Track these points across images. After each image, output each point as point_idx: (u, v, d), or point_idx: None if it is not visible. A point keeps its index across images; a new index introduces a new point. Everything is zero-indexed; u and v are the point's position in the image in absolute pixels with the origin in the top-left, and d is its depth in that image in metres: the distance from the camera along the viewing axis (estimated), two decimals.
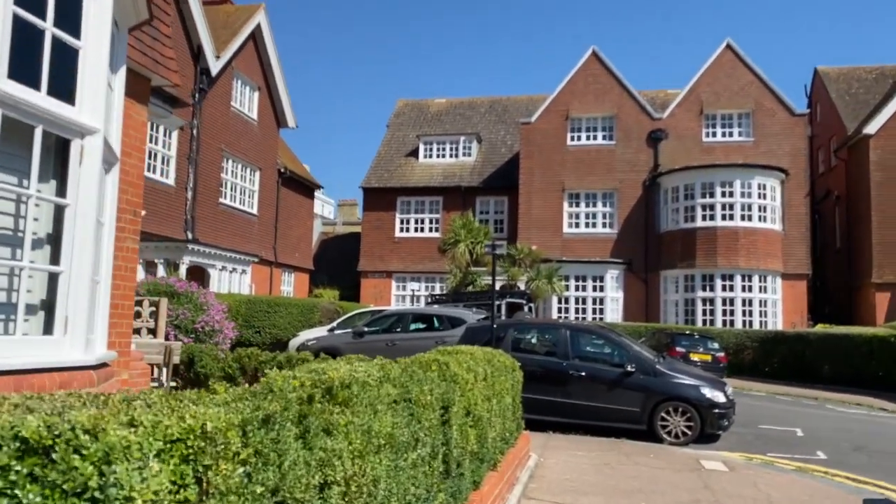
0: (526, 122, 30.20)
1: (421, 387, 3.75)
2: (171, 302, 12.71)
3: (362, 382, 3.12)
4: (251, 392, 2.53)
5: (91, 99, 4.20)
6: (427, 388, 3.80)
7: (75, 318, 4.06)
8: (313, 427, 2.30)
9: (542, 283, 25.15)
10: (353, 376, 3.16)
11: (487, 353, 6.65)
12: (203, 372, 10.23)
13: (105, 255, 4.91)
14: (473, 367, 5.35)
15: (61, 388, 3.85)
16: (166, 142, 22.09)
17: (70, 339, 4.04)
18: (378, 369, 3.57)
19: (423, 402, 3.70)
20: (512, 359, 7.57)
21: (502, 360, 6.90)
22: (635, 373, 10.60)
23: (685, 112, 28.99)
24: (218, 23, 25.68)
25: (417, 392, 3.67)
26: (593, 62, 30.03)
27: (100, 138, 4.23)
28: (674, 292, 27.45)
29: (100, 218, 4.70)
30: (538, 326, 12.62)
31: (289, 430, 2.11)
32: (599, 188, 29.19)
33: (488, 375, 5.75)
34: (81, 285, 4.09)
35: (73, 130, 4.09)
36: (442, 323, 14.92)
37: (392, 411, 3.20)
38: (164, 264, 20.56)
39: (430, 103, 37.72)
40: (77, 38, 4.15)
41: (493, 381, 5.94)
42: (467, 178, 31.97)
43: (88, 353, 4.24)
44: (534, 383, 10.52)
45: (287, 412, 2.19)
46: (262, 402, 2.07)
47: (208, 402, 1.96)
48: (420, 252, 31.63)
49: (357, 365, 3.63)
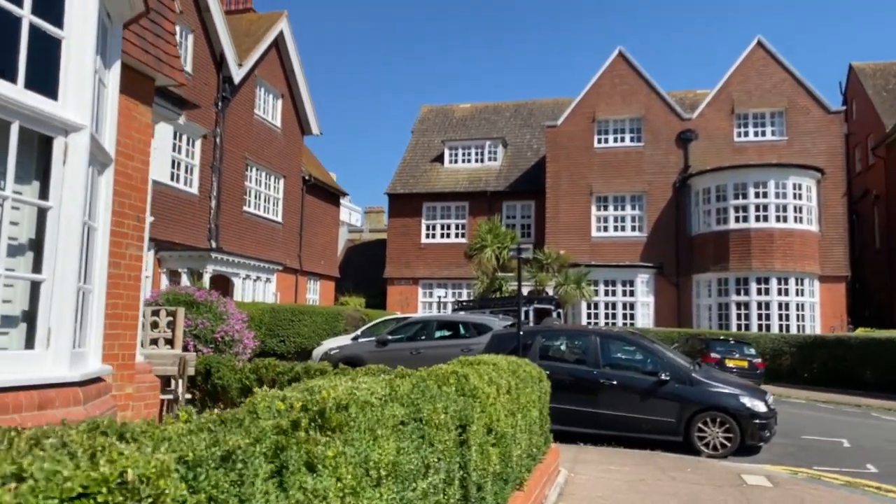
0: (552, 125, 29.71)
1: (434, 404, 3.35)
2: (190, 311, 12.47)
3: (363, 403, 2.73)
4: (222, 419, 2.15)
5: (76, 93, 3.88)
6: (441, 406, 3.40)
7: (59, 330, 3.73)
8: (292, 462, 1.91)
9: (571, 289, 24.61)
10: (354, 395, 2.77)
11: (512, 362, 6.23)
12: (220, 383, 9.94)
13: (98, 263, 4.60)
14: (496, 380, 4.94)
15: (40, 407, 3.52)
16: (189, 150, 22.03)
17: (53, 354, 3.71)
18: (384, 386, 3.18)
19: (437, 421, 3.30)
20: (539, 368, 7.14)
21: (528, 370, 6.48)
22: (670, 381, 10.09)
23: (716, 112, 28.28)
24: (241, 31, 25.65)
25: (430, 411, 3.27)
26: (620, 63, 29.46)
27: (86, 135, 3.91)
28: (707, 296, 26.71)
29: (91, 222, 4.38)
30: (567, 333, 12.14)
31: (257, 468, 1.72)
32: (628, 191, 28.58)
33: (512, 388, 5.33)
34: (66, 295, 3.77)
35: (55, 127, 3.78)
36: (468, 330, 14.51)
37: (398, 435, 2.81)
38: (187, 273, 20.44)
39: (454, 108, 37.41)
40: (59, 28, 3.84)
41: (517, 393, 5.52)
42: (493, 183, 31.55)
43: (75, 368, 3.91)
44: (563, 393, 10.06)
45: (258, 445, 1.81)
46: (224, 435, 1.70)
47: (150, 437, 1.58)
48: (446, 258, 31.26)
49: (361, 381, 3.24)
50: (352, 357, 14.61)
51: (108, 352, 5.67)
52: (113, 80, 4.75)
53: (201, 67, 22.39)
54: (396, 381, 3.32)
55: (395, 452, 2.68)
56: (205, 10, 22.40)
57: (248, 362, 10.08)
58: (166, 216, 20.54)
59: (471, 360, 5.83)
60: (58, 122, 3.77)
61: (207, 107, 22.76)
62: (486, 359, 5.85)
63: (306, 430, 2.21)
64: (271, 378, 9.48)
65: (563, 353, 11.40)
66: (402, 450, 2.77)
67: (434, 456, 3.16)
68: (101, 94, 4.58)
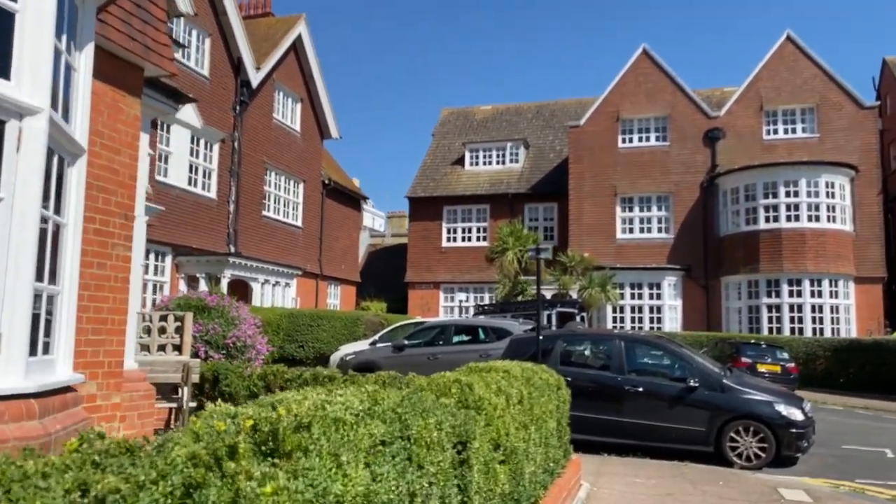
0: (574, 125, 29.14)
1: (425, 420, 2.90)
2: (201, 317, 12.17)
3: (332, 420, 2.30)
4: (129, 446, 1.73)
5: (32, 73, 3.51)
6: (434, 421, 2.95)
7: (11, 335, 3.35)
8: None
9: (596, 292, 24.01)
10: (321, 411, 2.33)
11: (527, 369, 5.76)
12: (228, 391, 9.59)
13: (69, 263, 4.22)
14: (506, 389, 4.48)
15: None
16: (207, 155, 21.84)
17: (3, 361, 3.33)
18: (364, 399, 2.74)
19: (428, 439, 2.85)
20: (557, 375, 6.65)
21: (545, 378, 5.99)
22: (699, 388, 9.52)
23: (744, 109, 27.51)
24: (259, 35, 25.47)
25: (420, 427, 2.82)
26: (644, 61, 28.82)
27: (43, 120, 3.53)
28: (736, 299, 25.93)
29: (58, 218, 4.01)
30: (589, 337, 11.59)
31: None
32: (654, 191, 27.90)
33: (525, 397, 4.85)
34: (19, 296, 3.38)
35: (7, 109, 3.40)
36: (487, 335, 14.03)
37: (375, 458, 2.36)
38: (205, 279, 20.21)
39: (475, 111, 36.97)
40: (13, 1, 3.46)
41: (531, 403, 5.04)
42: (515, 185, 31.03)
43: (32, 377, 3.53)
44: (585, 400, 9.56)
45: (159, 485, 1.38)
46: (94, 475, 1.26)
47: None
48: (468, 262, 30.79)
49: (338, 393, 2.81)
50: (367, 363, 14.20)
51: (93, 359, 5.31)
52: (85, 63, 4.38)
53: (219, 72, 22.21)
54: (381, 393, 2.87)
55: (369, 481, 2.23)
56: (222, 14, 22.23)
57: (256, 369, 9.70)
58: (184, 221, 20.35)
59: (481, 366, 5.38)
60: (10, 103, 3.40)
61: (225, 111, 22.59)
62: (497, 365, 5.39)
63: (245, 457, 1.77)
64: (280, 385, 9.10)
65: (585, 359, 10.88)
66: (379, 476, 2.32)
67: (423, 480, 2.70)
68: (71, 79, 4.21)
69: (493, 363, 5.54)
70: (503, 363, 5.61)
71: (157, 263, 19.59)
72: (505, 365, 5.47)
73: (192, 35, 21.13)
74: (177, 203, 20.06)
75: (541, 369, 6.23)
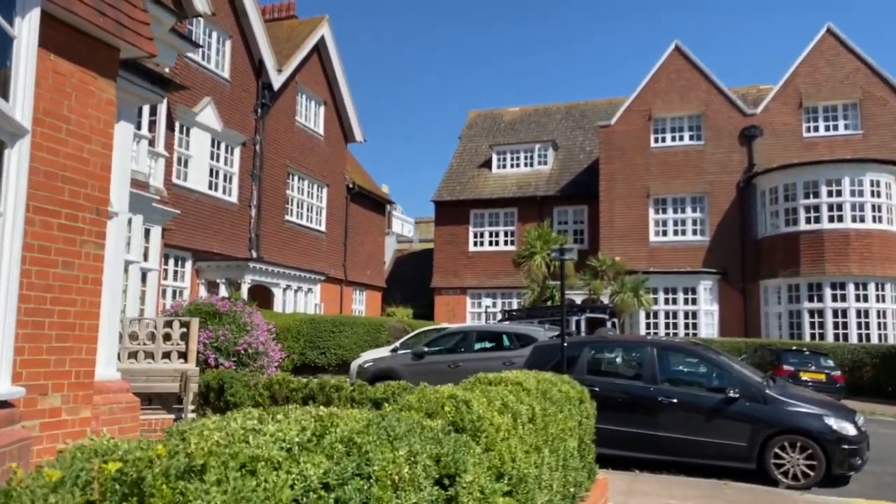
0: (605, 124, 28.32)
1: (394, 451, 2.25)
2: (212, 323, 11.70)
3: (245, 460, 1.68)
4: None
5: None
6: (405, 453, 2.30)
7: None
8: None
9: (628, 297, 23.14)
10: (231, 448, 1.72)
11: (544, 380, 5.09)
12: (233, 400, 9.04)
13: (6, 261, 3.67)
14: (513, 405, 3.82)
15: None
16: (228, 158, 21.51)
17: None
18: (310, 425, 2.12)
19: (397, 478, 2.20)
20: (580, 387, 5.95)
21: (564, 390, 5.31)
22: (739, 399, 8.72)
23: (782, 106, 26.43)
24: (281, 37, 25.17)
25: (385, 461, 2.16)
26: (676, 57, 27.90)
27: None
28: (776, 304, 24.82)
29: None
30: (619, 344, 10.82)
31: None
32: (688, 192, 26.93)
33: (538, 415, 4.19)
34: None
35: None
36: (511, 342, 13.34)
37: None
38: (225, 284, 19.85)
39: (503, 112, 36.30)
40: None
41: (546, 421, 4.37)
42: (543, 188, 30.27)
43: None
44: (614, 412, 8.84)
45: None
46: None
47: None
48: (495, 266, 30.08)
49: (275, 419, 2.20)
50: (386, 371, 13.61)
51: (57, 368, 4.78)
52: (28, 32, 3.85)
53: (240, 74, 21.89)
54: (334, 419, 2.25)
55: None
56: (242, 16, 21.94)
57: (262, 377, 9.15)
58: (204, 225, 20.03)
59: (490, 378, 4.73)
60: None
61: (246, 114, 22.27)
62: (509, 377, 4.74)
63: None
64: (285, 395, 8.54)
65: (614, 367, 10.14)
66: None
67: None
68: (9, 50, 3.68)
69: (505, 374, 4.90)
70: (516, 373, 4.96)
71: (176, 269, 19.27)
72: (518, 376, 4.82)
73: (213, 37, 20.84)
74: (196, 207, 19.75)
75: (560, 380, 5.56)
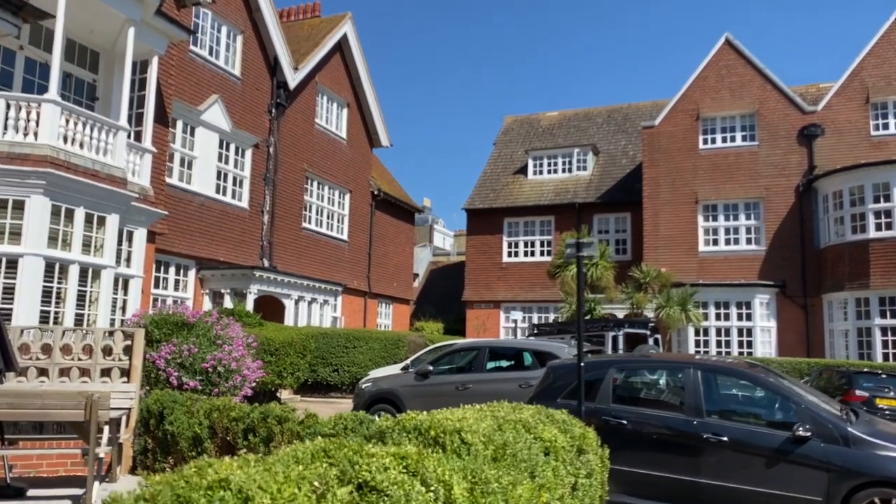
0: (648, 125, 26.20)
1: None
2: (178, 335, 10.11)
3: None
4: None
5: None
6: None
7: None
8: None
9: (675, 311, 20.92)
10: None
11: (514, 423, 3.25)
12: (171, 430, 7.37)
13: None
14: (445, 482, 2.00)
15: None
16: (239, 161, 20.14)
17: None
18: None
19: None
20: (581, 429, 4.08)
21: (549, 438, 3.45)
22: (812, 438, 6.65)
23: (846, 102, 23.96)
24: (301, 35, 23.88)
25: None
26: (727, 52, 25.66)
27: None
28: (842, 320, 22.25)
29: None
30: (654, 365, 8.75)
31: None
32: (741, 197, 24.58)
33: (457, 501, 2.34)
34: None
35: None
36: (531, 360, 11.41)
37: None
38: (231, 294, 18.38)
39: (540, 117, 34.40)
40: None
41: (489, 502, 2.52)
42: (582, 194, 28.21)
43: None
44: (646, 451, 6.91)
45: None
46: None
47: None
48: (530, 278, 28.08)
49: None
50: (385, 393, 11.81)
51: None
52: None
53: (252, 72, 20.56)
54: None
55: None
56: (255, 10, 20.64)
57: (207, 402, 7.46)
58: (209, 231, 18.65)
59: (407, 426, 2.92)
60: None
61: (259, 114, 20.92)
62: (449, 425, 2.91)
63: None
64: (224, 426, 6.82)
65: (648, 395, 8.15)
66: None
67: None
68: None
69: (445, 418, 3.07)
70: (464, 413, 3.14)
71: (178, 278, 17.89)
72: (464, 420, 2.99)
73: (222, 32, 19.56)
74: (201, 212, 18.38)
75: (547, 420, 3.71)
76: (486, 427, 2.93)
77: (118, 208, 12.43)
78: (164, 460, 7.52)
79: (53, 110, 11.36)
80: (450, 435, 2.68)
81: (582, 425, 4.33)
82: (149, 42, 13.85)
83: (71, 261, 11.56)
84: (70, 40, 13.72)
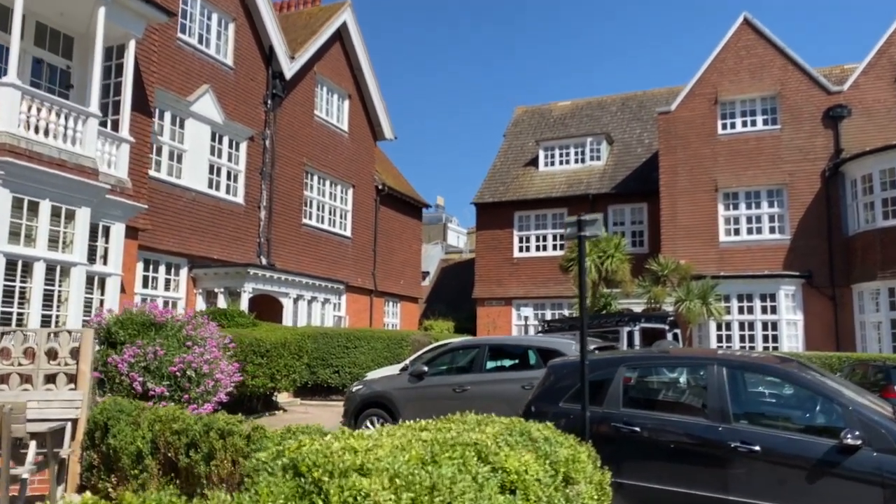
0: (664, 111, 25.01)
1: None
2: (144, 336, 9.19)
3: None
4: None
5: None
6: None
7: None
8: None
9: (695, 305, 19.75)
10: None
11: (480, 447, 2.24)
12: (115, 444, 6.42)
13: None
14: None
15: None
16: (233, 154, 19.25)
17: None
18: None
19: None
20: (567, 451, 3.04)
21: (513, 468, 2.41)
22: (862, 447, 5.55)
23: (874, 80, 22.63)
24: (299, 24, 22.98)
25: None
26: (746, 31, 24.41)
27: None
28: (873, 311, 20.95)
29: None
30: (671, 362, 7.64)
31: None
32: (763, 184, 23.32)
33: None
34: None
35: None
36: (536, 358, 10.36)
37: None
38: (224, 293, 17.49)
39: (552, 107, 33.26)
40: None
41: None
42: (596, 185, 27.07)
43: None
44: (662, 463, 5.87)
45: None
46: None
47: None
48: (543, 274, 26.96)
49: None
50: (377, 396, 10.80)
51: None
52: None
53: (245, 61, 19.67)
54: None
55: None
56: None
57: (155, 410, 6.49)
58: (202, 228, 17.78)
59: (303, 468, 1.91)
60: None
61: (254, 106, 20.02)
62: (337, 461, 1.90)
63: None
64: (166, 440, 5.85)
65: (663, 396, 7.08)
66: None
67: None
68: None
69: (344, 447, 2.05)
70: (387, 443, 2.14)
71: (168, 277, 17.02)
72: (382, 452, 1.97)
73: (212, 19, 18.67)
74: (192, 207, 17.51)
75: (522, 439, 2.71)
76: (406, 461, 1.92)
77: (89, 201, 11.55)
78: (108, 479, 6.57)
79: (13, 94, 10.51)
80: (339, 478, 1.69)
81: (573, 443, 3.32)
82: (124, 24, 12.96)
83: (36, 258, 10.70)
84: (41, 24, 12.90)
